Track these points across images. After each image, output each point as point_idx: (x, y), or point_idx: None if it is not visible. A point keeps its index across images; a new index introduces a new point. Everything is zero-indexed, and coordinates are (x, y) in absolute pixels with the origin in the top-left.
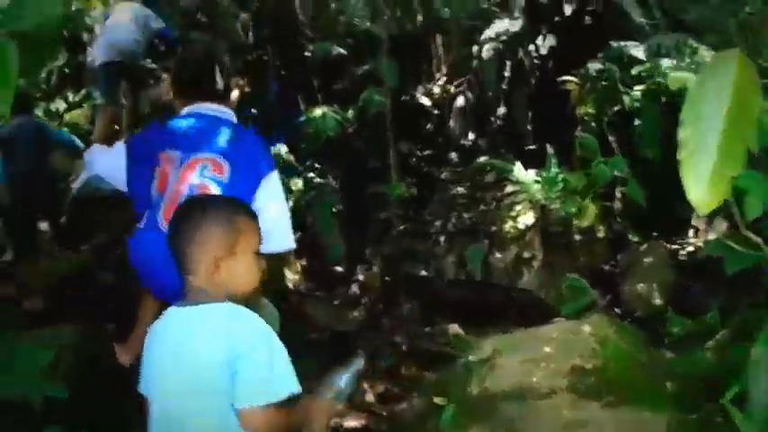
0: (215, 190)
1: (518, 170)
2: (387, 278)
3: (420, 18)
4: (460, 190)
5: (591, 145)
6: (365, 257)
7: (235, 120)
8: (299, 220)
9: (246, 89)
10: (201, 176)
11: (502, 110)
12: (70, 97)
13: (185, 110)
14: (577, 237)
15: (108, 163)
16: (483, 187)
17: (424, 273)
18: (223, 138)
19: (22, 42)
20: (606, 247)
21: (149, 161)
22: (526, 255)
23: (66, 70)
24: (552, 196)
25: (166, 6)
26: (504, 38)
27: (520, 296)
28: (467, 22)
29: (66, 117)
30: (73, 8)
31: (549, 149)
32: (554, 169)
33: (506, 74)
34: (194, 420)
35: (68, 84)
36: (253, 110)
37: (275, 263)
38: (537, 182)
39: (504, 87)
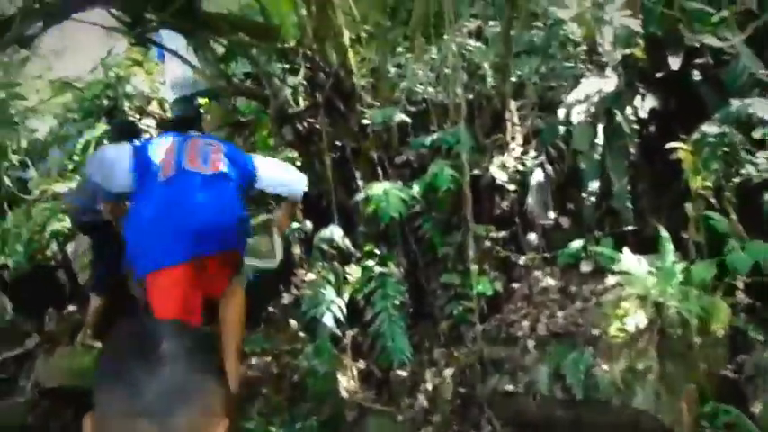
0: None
1: (626, 258)
2: (462, 390)
3: (491, 81)
4: (550, 282)
5: (720, 226)
6: (435, 362)
7: None
8: (356, 315)
9: (297, 163)
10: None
11: (594, 184)
12: None
13: None
14: (696, 339)
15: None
16: (578, 279)
17: (509, 386)
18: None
19: None
20: (726, 347)
21: None
22: (640, 366)
23: (105, 141)
24: (671, 291)
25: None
26: (595, 99)
27: (633, 418)
28: (547, 83)
29: None
30: (112, 75)
31: (663, 232)
32: (670, 257)
33: (598, 141)
34: None
35: None
36: None
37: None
38: (650, 273)
39: (596, 157)
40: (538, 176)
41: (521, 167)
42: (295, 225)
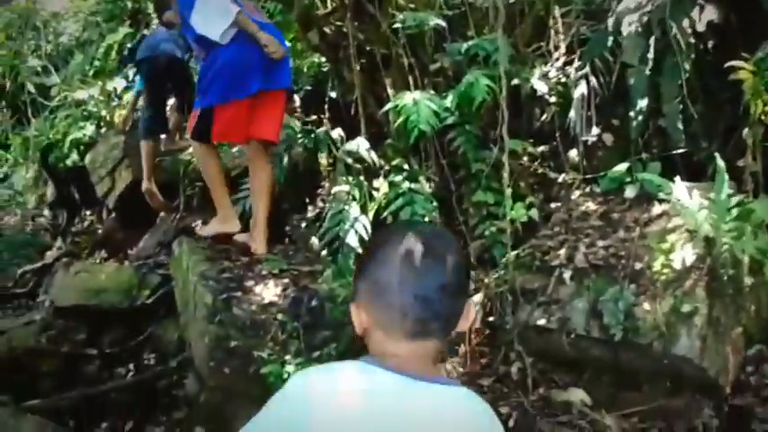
0: None
1: (676, 187)
2: (490, 319)
3: None
4: (591, 206)
5: None
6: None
7: None
8: None
9: (322, 68)
10: None
11: (643, 101)
12: (130, 76)
13: None
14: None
15: None
16: (621, 205)
17: (542, 321)
18: None
19: None
20: None
21: None
22: (685, 308)
23: (128, 46)
24: (724, 228)
25: None
26: (648, 9)
27: (675, 365)
28: None
29: (126, 97)
30: None
31: (719, 160)
32: (725, 189)
33: (650, 55)
34: None
35: (129, 61)
36: (331, 93)
37: None
38: (702, 205)
39: (647, 73)
40: (581, 89)
41: (563, 79)
42: (320, 130)
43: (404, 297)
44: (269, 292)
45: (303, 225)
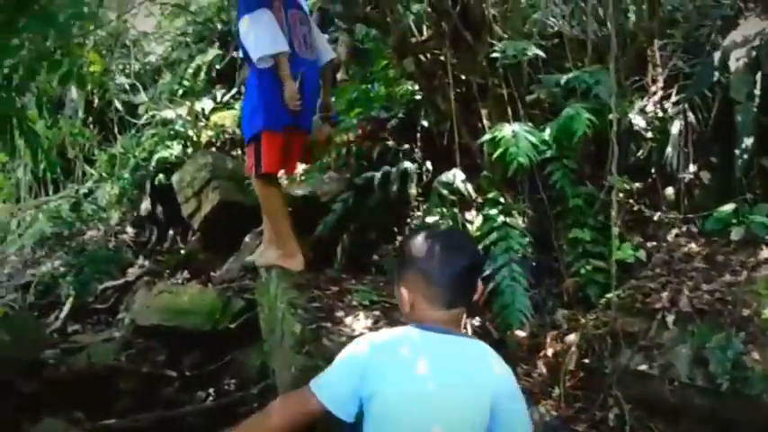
0: None
1: None
2: (586, 361)
3: (633, 18)
4: (693, 247)
5: None
6: (557, 325)
7: None
8: None
9: (415, 96)
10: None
11: (749, 140)
12: (218, 96)
13: None
14: None
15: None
16: (726, 248)
17: (643, 366)
18: None
19: None
20: None
21: None
22: None
23: (217, 67)
24: None
25: None
26: (756, 44)
27: None
28: (696, 22)
29: (213, 118)
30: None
31: None
32: None
33: (757, 92)
34: None
35: (218, 81)
36: (424, 122)
37: None
38: None
39: (754, 108)
40: (679, 125)
41: (660, 113)
42: (408, 164)
43: (443, 278)
44: (359, 323)
45: (391, 254)
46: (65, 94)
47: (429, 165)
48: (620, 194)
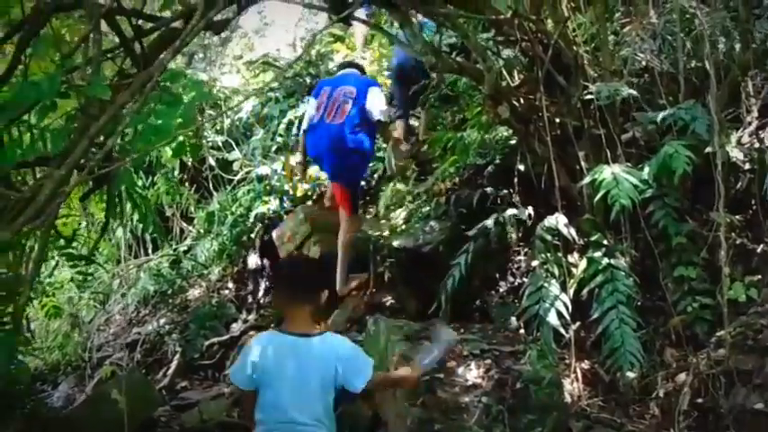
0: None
1: None
2: (700, 401)
3: (723, 49)
4: None
5: None
6: (667, 364)
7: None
8: (581, 309)
9: (510, 141)
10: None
11: None
12: None
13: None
14: None
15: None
16: None
17: (759, 404)
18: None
19: None
20: None
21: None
22: None
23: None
24: None
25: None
26: None
27: None
28: None
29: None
30: (312, 55)
31: None
32: None
33: None
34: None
35: None
36: (520, 166)
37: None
38: None
39: None
40: None
41: (756, 144)
42: (511, 211)
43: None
44: (471, 373)
45: (497, 301)
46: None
47: (529, 210)
48: (722, 229)
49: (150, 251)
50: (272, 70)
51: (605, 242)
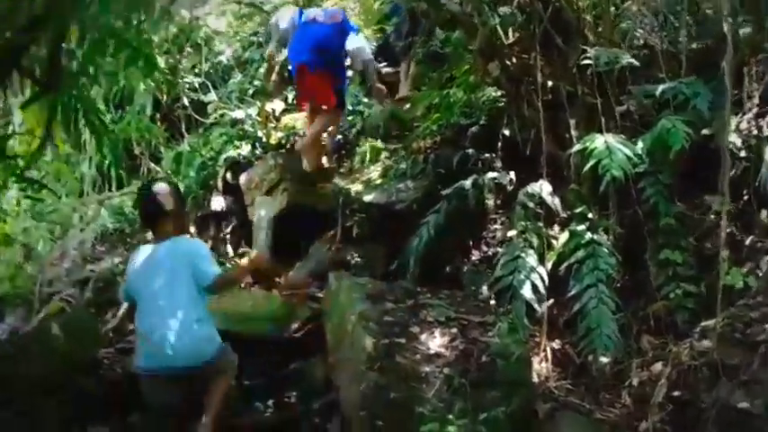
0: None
1: None
2: (677, 393)
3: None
4: None
5: None
6: (644, 352)
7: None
8: (558, 284)
9: (498, 103)
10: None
11: None
12: (289, 98)
13: None
14: None
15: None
16: None
17: (743, 403)
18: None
19: None
20: None
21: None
22: None
23: (289, 67)
24: None
25: None
26: None
27: None
28: None
29: (283, 119)
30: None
31: None
32: None
33: None
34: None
35: (289, 82)
36: (505, 131)
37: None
38: None
39: None
40: None
41: (756, 131)
42: (491, 174)
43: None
44: (435, 341)
45: (469, 268)
46: (133, 90)
47: (511, 175)
48: (712, 216)
49: (115, 188)
50: (258, 15)
51: (590, 216)
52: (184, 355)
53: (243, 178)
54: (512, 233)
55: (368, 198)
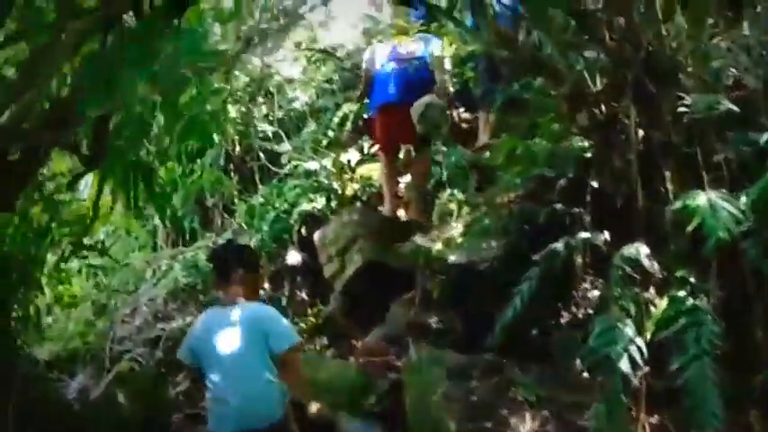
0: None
1: None
2: None
3: None
4: None
5: None
6: (750, 427)
7: None
8: (657, 353)
9: (588, 154)
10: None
11: None
12: (365, 148)
13: None
14: None
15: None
16: None
17: None
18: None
19: None
20: None
21: None
22: None
23: (364, 116)
24: None
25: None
26: None
27: None
28: None
29: (359, 170)
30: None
31: None
32: None
33: None
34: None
35: (365, 132)
36: (593, 183)
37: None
38: None
39: None
40: None
41: None
42: (583, 234)
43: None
44: (525, 426)
45: (558, 336)
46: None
47: (605, 235)
48: None
49: (189, 242)
50: (332, 61)
51: (691, 279)
52: (255, 416)
53: (317, 235)
54: (600, 295)
55: (449, 257)
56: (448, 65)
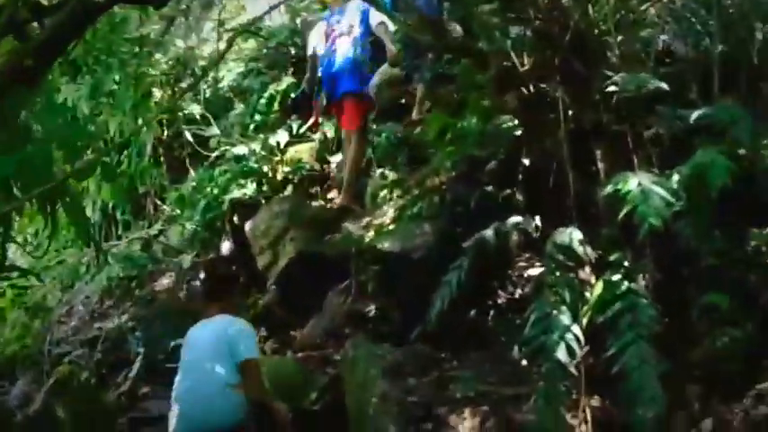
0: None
1: None
2: None
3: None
4: None
5: None
6: (689, 403)
7: None
8: (594, 336)
9: (517, 132)
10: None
11: None
12: (294, 128)
13: None
14: None
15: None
16: None
17: None
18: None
19: None
20: None
21: None
22: None
23: (292, 95)
24: None
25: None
26: None
27: None
28: None
29: (289, 152)
30: (297, 23)
31: None
32: None
33: None
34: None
35: (293, 112)
36: (525, 161)
37: None
38: None
39: None
40: None
41: None
42: (514, 219)
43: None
44: (465, 424)
45: (494, 319)
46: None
47: (537, 221)
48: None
49: (122, 231)
50: (255, 39)
51: (625, 263)
52: (217, 417)
53: (248, 226)
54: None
55: (382, 246)
56: (391, 26)
